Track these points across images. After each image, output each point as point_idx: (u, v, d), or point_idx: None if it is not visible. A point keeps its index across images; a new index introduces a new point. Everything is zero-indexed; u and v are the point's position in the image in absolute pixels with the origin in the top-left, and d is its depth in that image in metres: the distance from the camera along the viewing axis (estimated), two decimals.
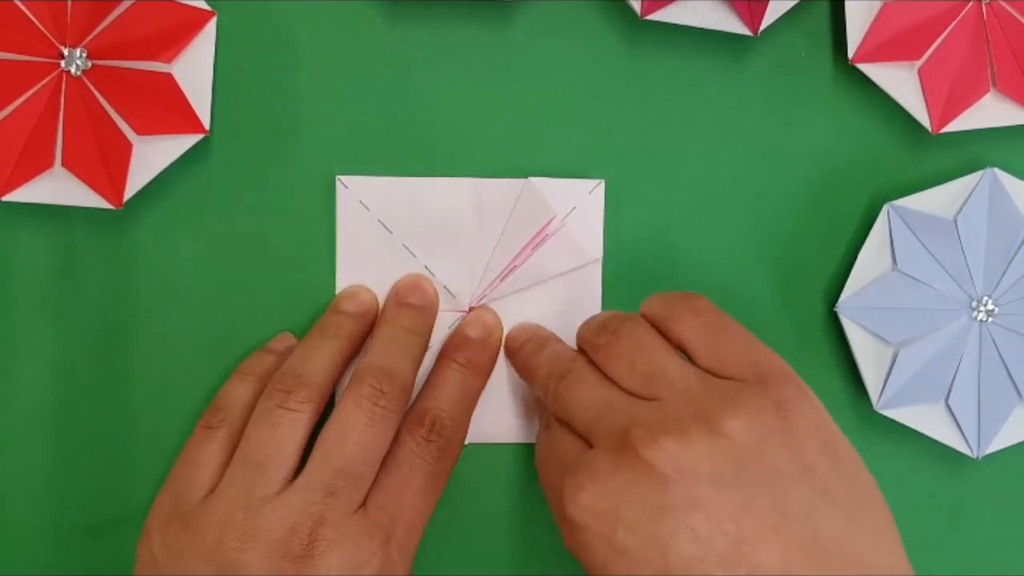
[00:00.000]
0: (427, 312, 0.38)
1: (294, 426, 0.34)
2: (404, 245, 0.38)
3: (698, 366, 0.32)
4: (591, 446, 0.31)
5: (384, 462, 0.35)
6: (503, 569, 0.40)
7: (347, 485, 0.33)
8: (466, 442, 0.39)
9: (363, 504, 0.34)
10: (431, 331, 0.38)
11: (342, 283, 0.39)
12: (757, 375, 0.31)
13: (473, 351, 0.38)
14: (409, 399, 0.36)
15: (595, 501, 0.29)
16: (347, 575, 0.32)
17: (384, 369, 0.35)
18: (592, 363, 0.34)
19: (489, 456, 0.40)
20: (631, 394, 0.31)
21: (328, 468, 0.33)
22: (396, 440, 0.35)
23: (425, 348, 0.38)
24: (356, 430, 0.34)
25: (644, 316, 0.34)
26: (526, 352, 0.38)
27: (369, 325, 0.38)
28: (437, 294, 0.38)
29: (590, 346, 0.34)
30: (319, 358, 0.36)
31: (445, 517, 0.39)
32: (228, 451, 0.35)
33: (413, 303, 0.38)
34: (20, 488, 0.39)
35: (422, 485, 0.35)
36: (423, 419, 0.36)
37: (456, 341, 0.38)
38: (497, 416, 0.39)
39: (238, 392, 0.37)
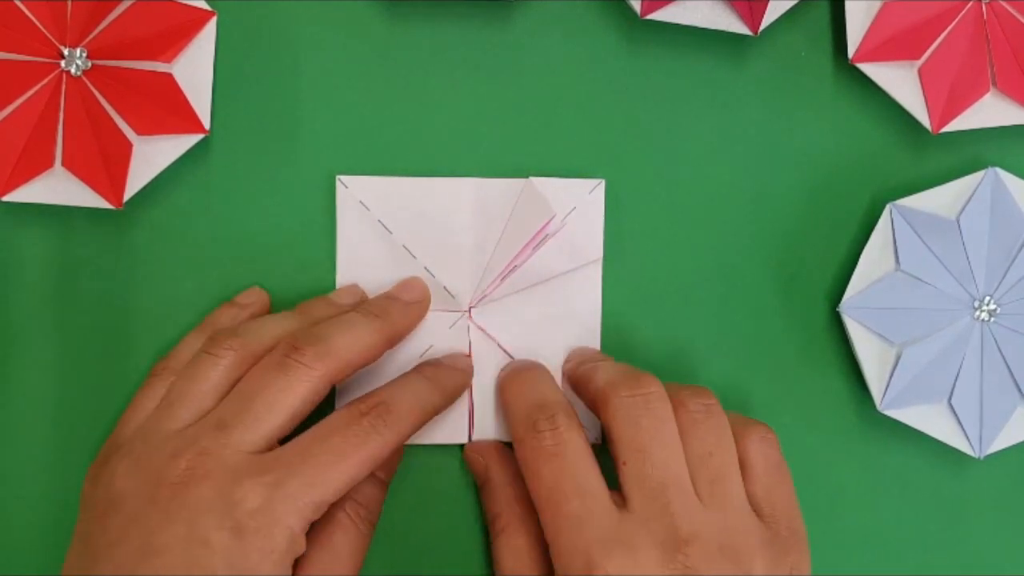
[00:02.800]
0: (398, 318, 0.37)
1: (213, 367, 0.34)
2: (404, 246, 0.38)
3: (748, 490, 0.34)
4: (625, 497, 0.33)
5: (309, 429, 0.33)
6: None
7: (238, 421, 0.32)
8: (464, 442, 0.39)
9: (263, 451, 0.32)
10: (398, 333, 0.37)
11: (342, 283, 0.38)
12: (789, 530, 0.34)
13: (442, 371, 0.37)
14: (336, 374, 0.34)
15: (624, 571, 0.31)
16: (220, 506, 0.30)
17: (316, 334, 0.34)
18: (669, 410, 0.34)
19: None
20: (692, 478, 0.33)
21: (223, 408, 0.33)
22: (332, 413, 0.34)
23: (382, 342, 0.36)
24: (264, 373, 0.33)
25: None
26: (593, 357, 0.38)
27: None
28: (424, 301, 0.38)
29: (677, 400, 0.34)
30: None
31: (445, 517, 0.39)
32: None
33: (403, 297, 0.38)
34: (20, 488, 0.39)
35: (336, 448, 0.32)
36: (367, 399, 0.34)
37: (429, 361, 0.38)
38: (497, 416, 0.39)
39: (191, 344, 0.37)
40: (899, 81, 0.38)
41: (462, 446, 0.39)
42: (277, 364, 0.33)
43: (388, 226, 0.38)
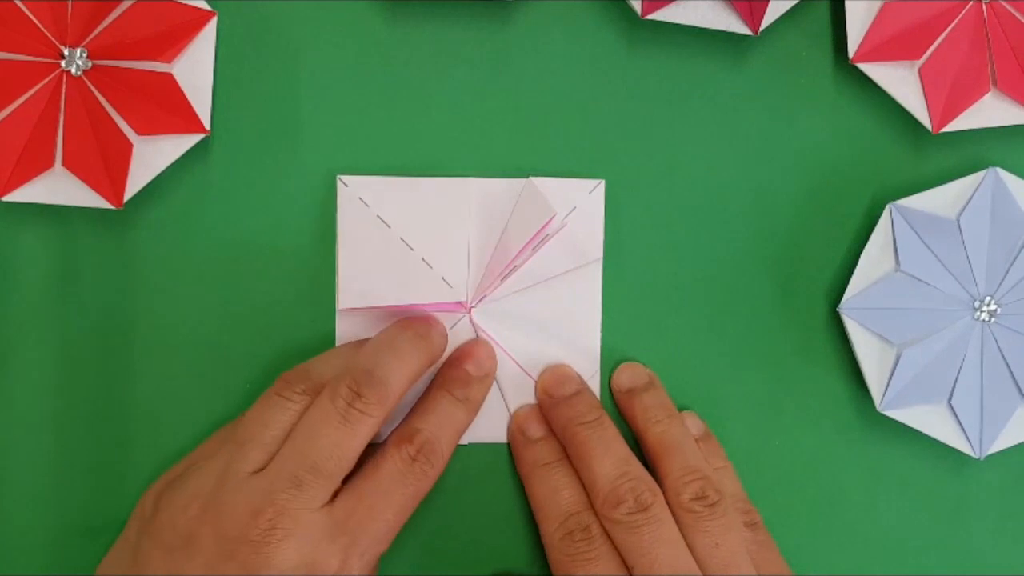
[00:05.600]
0: (438, 340, 0.38)
1: (284, 411, 0.35)
2: (402, 239, 0.38)
3: (696, 557, 0.35)
4: None
5: (363, 469, 0.35)
6: (503, 569, 0.39)
7: (313, 480, 0.33)
8: (466, 442, 0.39)
9: (330, 503, 0.33)
10: (437, 356, 0.38)
11: (343, 282, 0.38)
12: None
13: (471, 389, 0.38)
14: (390, 409, 0.35)
15: None
16: (302, 572, 0.32)
17: (368, 372, 0.35)
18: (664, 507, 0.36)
19: (489, 456, 0.39)
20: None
21: (296, 459, 0.33)
22: (381, 451, 0.35)
23: (425, 367, 0.37)
24: (328, 426, 0.34)
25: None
26: (570, 404, 0.38)
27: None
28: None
29: (675, 495, 0.36)
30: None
31: (445, 517, 0.39)
32: None
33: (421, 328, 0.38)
34: (20, 488, 0.39)
35: (398, 501, 0.34)
36: (413, 438, 0.35)
37: (455, 374, 0.38)
38: (497, 416, 0.39)
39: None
40: (899, 81, 0.38)
41: (464, 446, 0.39)
42: (342, 416, 0.34)
43: (387, 220, 0.38)
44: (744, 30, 0.37)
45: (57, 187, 0.36)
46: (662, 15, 0.37)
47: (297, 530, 0.32)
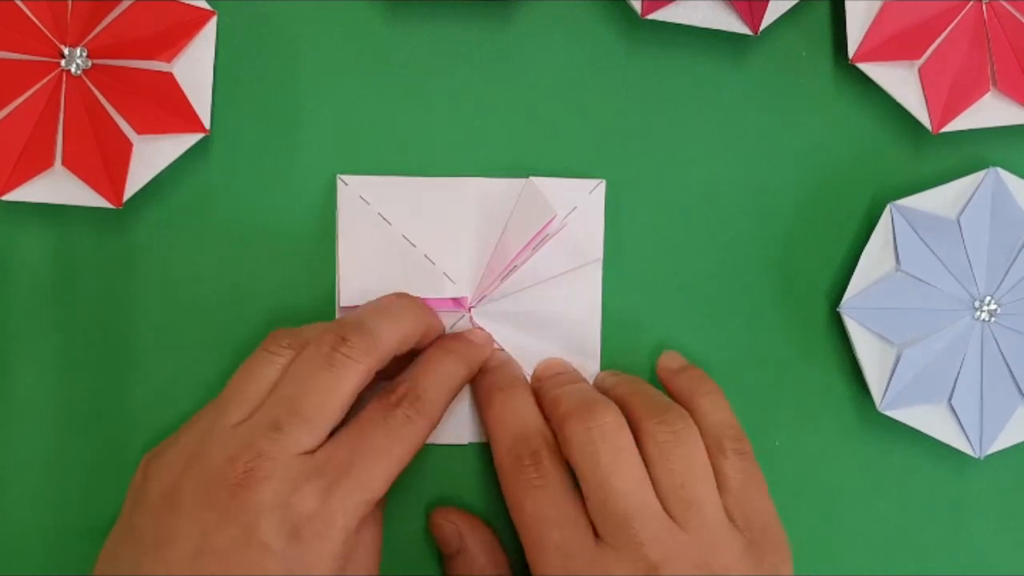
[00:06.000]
0: (433, 316, 0.38)
1: (270, 365, 0.34)
2: (403, 235, 0.38)
3: (723, 503, 0.35)
4: (596, 528, 0.33)
5: (348, 422, 0.34)
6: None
7: (294, 423, 0.32)
8: (466, 442, 0.39)
9: (314, 450, 0.32)
10: (433, 328, 0.38)
11: (343, 281, 0.38)
12: (766, 535, 0.35)
13: (462, 343, 0.38)
14: (379, 360, 0.34)
15: None
16: (279, 510, 0.31)
17: (357, 322, 0.34)
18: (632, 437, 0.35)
19: (488, 456, 0.39)
20: (663, 504, 0.34)
21: (278, 405, 0.33)
22: (366, 403, 0.34)
23: (417, 333, 0.36)
24: (313, 371, 0.33)
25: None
26: (556, 381, 0.38)
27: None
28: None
29: (643, 429, 0.35)
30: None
31: None
32: None
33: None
34: (20, 488, 0.39)
35: (379, 445, 0.33)
36: (396, 387, 0.35)
37: (450, 335, 0.38)
38: None
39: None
40: (899, 81, 0.38)
41: (464, 446, 0.39)
42: (326, 359, 0.33)
43: (388, 218, 0.38)
44: (744, 30, 0.37)
45: (57, 186, 0.36)
46: (662, 15, 0.37)
47: (276, 472, 0.31)
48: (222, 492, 0.31)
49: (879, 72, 0.38)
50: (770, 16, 0.37)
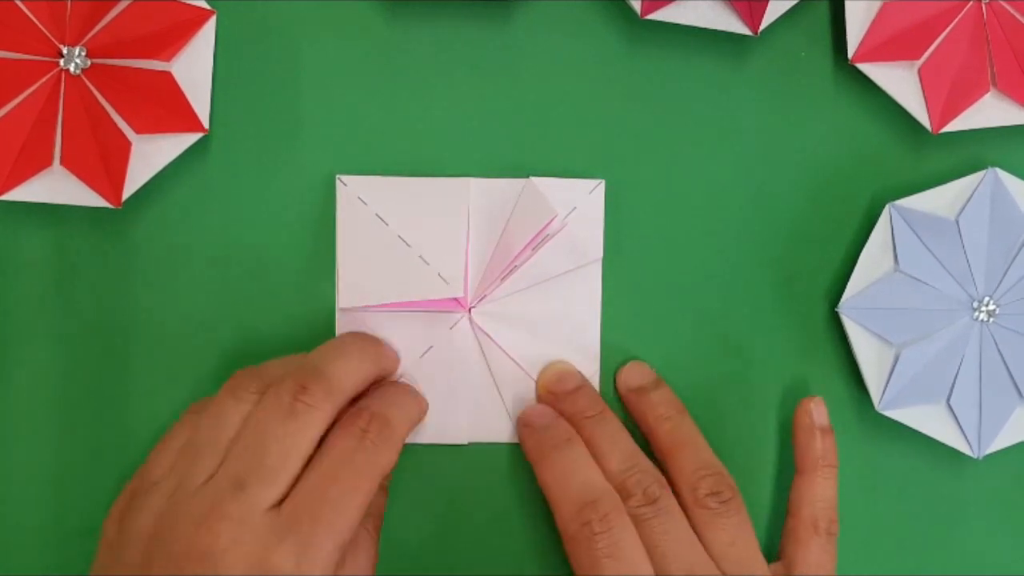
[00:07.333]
0: (388, 352, 0.38)
1: (235, 412, 0.33)
2: (399, 236, 0.38)
3: (711, 555, 0.35)
4: None
5: (311, 462, 0.33)
6: (504, 569, 0.39)
7: (256, 480, 0.31)
8: (466, 442, 0.39)
9: (280, 503, 0.32)
10: (387, 367, 0.38)
11: (343, 281, 0.38)
12: None
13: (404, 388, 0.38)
14: (338, 405, 0.34)
15: None
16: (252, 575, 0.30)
17: (314, 367, 0.34)
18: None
19: (489, 456, 0.39)
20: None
21: (239, 461, 0.32)
22: (329, 437, 0.33)
23: (374, 373, 0.36)
24: (274, 421, 0.32)
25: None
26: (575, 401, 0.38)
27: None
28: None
29: (690, 491, 0.36)
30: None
31: (445, 517, 0.39)
32: None
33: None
34: (20, 489, 0.39)
35: (349, 482, 0.32)
36: (360, 413, 0.34)
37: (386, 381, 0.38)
38: (496, 416, 0.39)
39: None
40: (899, 81, 0.38)
41: (464, 446, 0.39)
42: (287, 410, 0.33)
43: (386, 219, 0.38)
44: (744, 30, 0.37)
45: (56, 186, 0.36)
46: (662, 15, 0.37)
47: (243, 536, 0.30)
48: (192, 563, 0.30)
49: (879, 72, 0.38)
50: (770, 16, 0.37)
